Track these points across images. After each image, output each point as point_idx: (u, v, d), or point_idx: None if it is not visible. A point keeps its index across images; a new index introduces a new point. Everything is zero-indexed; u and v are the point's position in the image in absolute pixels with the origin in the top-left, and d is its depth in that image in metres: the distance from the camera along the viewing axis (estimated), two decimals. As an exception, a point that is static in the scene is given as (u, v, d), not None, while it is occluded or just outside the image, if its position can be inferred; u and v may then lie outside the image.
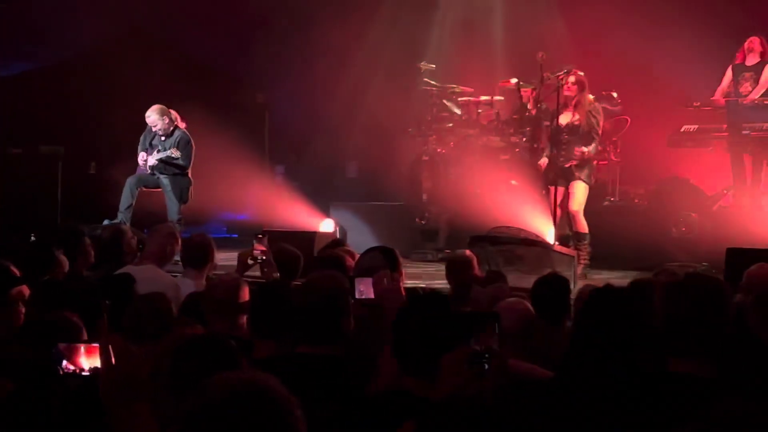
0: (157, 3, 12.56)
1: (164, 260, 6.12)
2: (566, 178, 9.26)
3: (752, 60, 9.99)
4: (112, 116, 12.46)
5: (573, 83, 9.23)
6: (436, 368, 2.89)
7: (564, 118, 9.32)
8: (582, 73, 9.55)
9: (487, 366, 2.84)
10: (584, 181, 9.24)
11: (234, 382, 1.95)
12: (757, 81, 9.92)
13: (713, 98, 10.15)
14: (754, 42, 9.96)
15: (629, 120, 11.65)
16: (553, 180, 9.38)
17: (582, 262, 8.94)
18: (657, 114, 11.47)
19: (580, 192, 9.22)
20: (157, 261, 6.00)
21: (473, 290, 4.93)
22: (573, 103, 9.28)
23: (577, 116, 9.28)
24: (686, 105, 10.28)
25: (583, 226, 9.19)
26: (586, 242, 9.13)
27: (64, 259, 5.72)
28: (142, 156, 10.16)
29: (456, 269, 6.14)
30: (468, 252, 6.49)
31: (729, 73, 10.15)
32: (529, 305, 4.47)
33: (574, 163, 9.22)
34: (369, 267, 4.40)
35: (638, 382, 3.00)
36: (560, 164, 9.25)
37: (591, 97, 9.71)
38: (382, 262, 4.42)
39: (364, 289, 3.90)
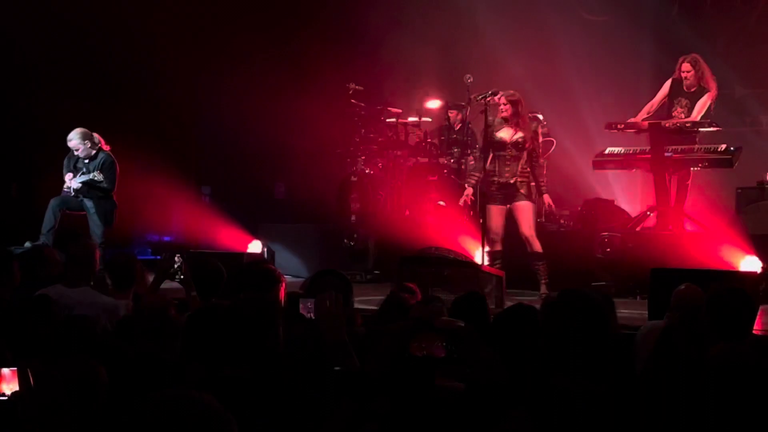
0: (78, 24, 12.36)
1: (92, 279, 6.00)
2: (507, 194, 9.12)
3: (690, 86, 10.07)
4: (33, 138, 12.23)
5: (506, 104, 9.09)
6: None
7: (506, 134, 9.13)
8: (514, 93, 9.39)
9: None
10: (529, 200, 9.14)
11: (170, 398, 1.92)
12: (690, 110, 10.04)
13: (636, 120, 10.24)
14: (686, 68, 10.00)
15: (555, 142, 11.80)
16: (491, 197, 9.18)
17: (544, 281, 8.97)
18: (581, 136, 11.64)
19: (529, 212, 9.10)
20: (88, 281, 5.86)
21: (414, 307, 4.93)
22: (514, 120, 9.12)
23: (520, 133, 9.15)
24: (610, 127, 10.37)
25: (539, 245, 9.11)
26: (544, 261, 9.10)
27: None
28: (69, 176, 10.00)
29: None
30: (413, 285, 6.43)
31: (666, 86, 10.20)
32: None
33: (519, 179, 9.10)
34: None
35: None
36: (504, 180, 9.14)
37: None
38: (338, 287, 4.47)
39: (308, 309, 3.92)
